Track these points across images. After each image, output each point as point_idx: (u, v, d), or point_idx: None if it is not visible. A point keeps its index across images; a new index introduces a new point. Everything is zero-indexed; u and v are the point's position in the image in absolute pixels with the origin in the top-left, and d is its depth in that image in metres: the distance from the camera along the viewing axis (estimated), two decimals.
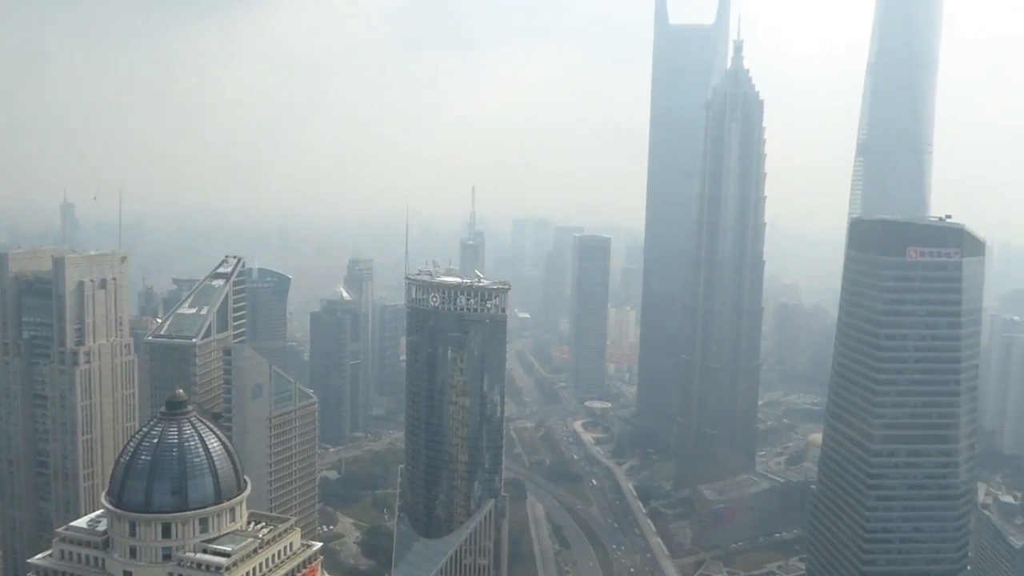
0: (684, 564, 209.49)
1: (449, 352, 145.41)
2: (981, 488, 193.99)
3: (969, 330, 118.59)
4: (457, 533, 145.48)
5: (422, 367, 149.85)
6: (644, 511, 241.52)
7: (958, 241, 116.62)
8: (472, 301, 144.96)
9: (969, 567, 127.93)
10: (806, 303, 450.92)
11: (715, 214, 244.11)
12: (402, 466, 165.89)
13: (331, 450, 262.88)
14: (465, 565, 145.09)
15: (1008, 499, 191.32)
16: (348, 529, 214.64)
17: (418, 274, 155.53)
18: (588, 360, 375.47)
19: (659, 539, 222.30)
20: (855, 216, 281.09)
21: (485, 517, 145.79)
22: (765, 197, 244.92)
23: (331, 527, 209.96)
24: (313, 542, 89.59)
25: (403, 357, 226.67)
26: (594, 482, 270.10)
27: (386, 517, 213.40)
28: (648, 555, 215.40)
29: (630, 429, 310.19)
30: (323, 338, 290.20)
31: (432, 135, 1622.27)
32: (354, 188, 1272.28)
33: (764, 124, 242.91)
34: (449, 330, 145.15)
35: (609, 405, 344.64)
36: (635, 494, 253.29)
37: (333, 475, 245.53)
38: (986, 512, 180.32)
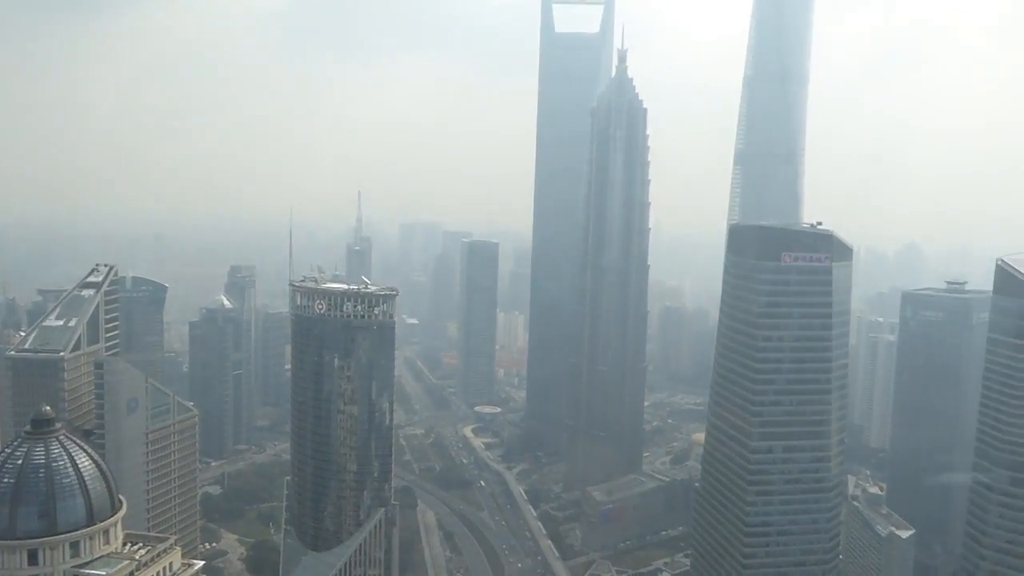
0: (574, 565, 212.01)
1: (336, 360, 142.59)
2: (850, 480, 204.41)
3: (839, 331, 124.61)
4: (346, 545, 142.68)
5: (308, 376, 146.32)
6: (534, 514, 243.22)
7: (828, 247, 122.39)
8: (359, 307, 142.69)
9: (841, 556, 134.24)
10: (689, 306, 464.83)
11: (601, 219, 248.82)
12: (288, 478, 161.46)
13: (213, 464, 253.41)
14: None
15: (875, 490, 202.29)
16: (232, 546, 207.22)
17: (303, 280, 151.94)
18: (477, 365, 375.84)
19: (550, 541, 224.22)
20: (734, 222, 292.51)
21: (375, 527, 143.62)
22: (650, 203, 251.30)
23: (214, 544, 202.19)
24: (195, 561, 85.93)
25: (288, 366, 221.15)
26: (482, 483, 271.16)
27: (272, 532, 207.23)
28: (539, 558, 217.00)
29: (520, 433, 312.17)
30: (203, 348, 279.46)
31: (318, 139, 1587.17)
32: (235, 193, 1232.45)
33: (648, 132, 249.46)
34: (336, 337, 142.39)
35: (499, 410, 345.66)
36: (525, 498, 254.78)
37: (216, 490, 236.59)
38: (855, 503, 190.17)
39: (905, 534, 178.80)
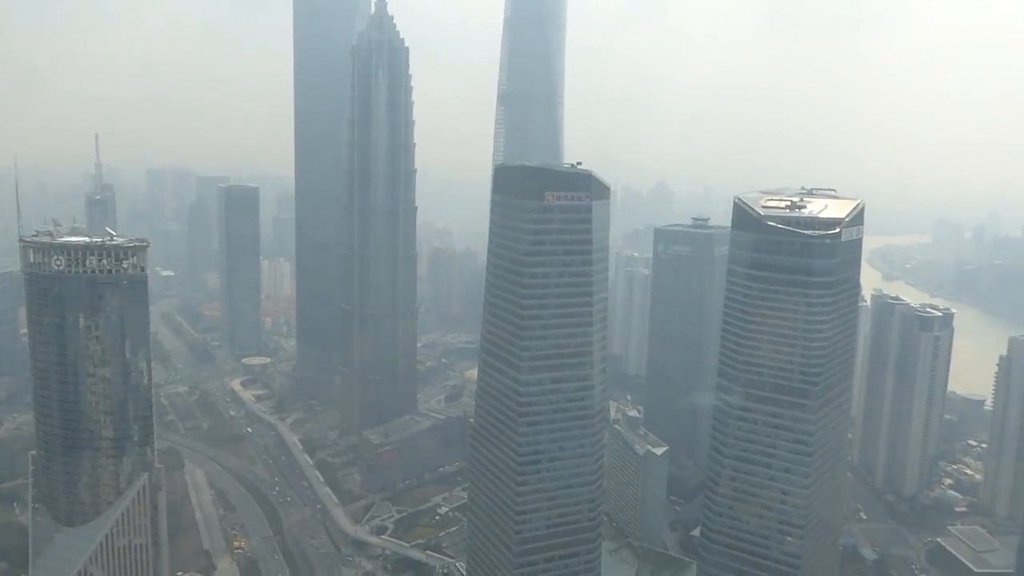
0: (354, 509, 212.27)
1: (81, 320, 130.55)
2: (612, 406, 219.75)
3: (599, 266, 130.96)
4: (106, 516, 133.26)
5: (49, 339, 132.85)
6: (311, 463, 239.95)
7: (588, 186, 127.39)
8: (105, 262, 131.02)
9: (605, 476, 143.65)
10: (458, 247, 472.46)
11: (366, 161, 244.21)
12: (33, 452, 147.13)
13: None
14: (119, 548, 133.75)
15: (634, 413, 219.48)
16: None
17: (36, 235, 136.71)
18: (242, 316, 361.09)
19: (328, 488, 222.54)
20: (499, 163, 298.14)
21: (138, 494, 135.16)
22: (415, 144, 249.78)
23: None
24: None
25: (24, 330, 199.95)
26: (249, 429, 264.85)
27: (17, 512, 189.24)
28: (318, 506, 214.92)
29: (292, 383, 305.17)
30: None
31: (47, 80, 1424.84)
32: None
33: (411, 72, 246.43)
34: (79, 295, 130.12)
35: (268, 360, 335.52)
36: (301, 447, 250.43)
37: None
38: (617, 427, 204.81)
39: (660, 451, 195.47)
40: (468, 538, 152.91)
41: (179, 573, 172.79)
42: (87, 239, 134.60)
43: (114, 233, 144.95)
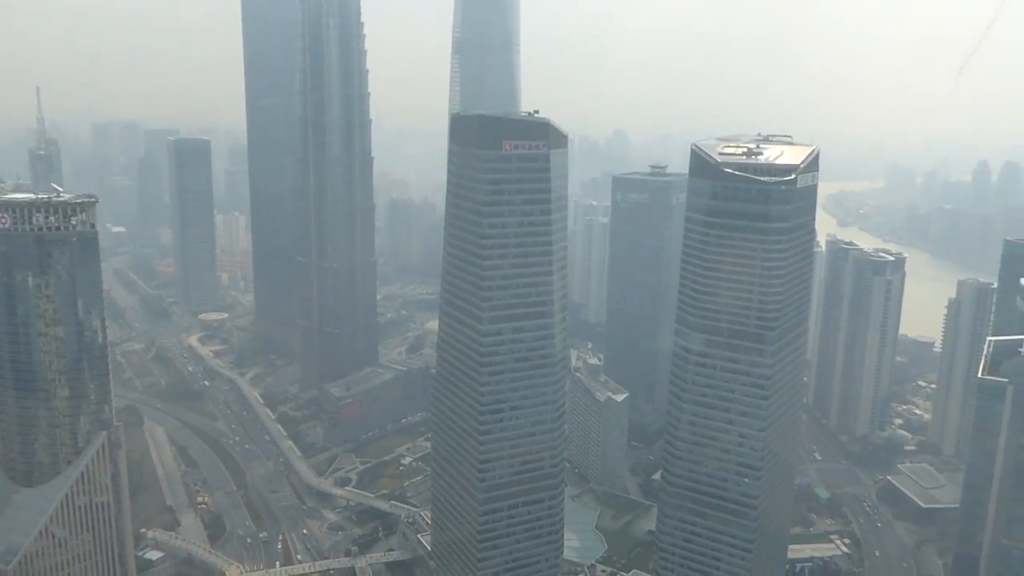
0: (317, 462, 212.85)
1: (30, 278, 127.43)
2: (573, 354, 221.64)
3: (559, 215, 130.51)
4: (65, 475, 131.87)
5: None
6: (273, 417, 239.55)
7: (545, 134, 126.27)
8: (53, 219, 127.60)
9: (566, 423, 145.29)
10: (416, 198, 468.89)
11: (320, 112, 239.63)
12: None
13: None
14: (80, 506, 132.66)
15: (594, 361, 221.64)
16: None
17: None
18: (198, 271, 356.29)
19: (291, 442, 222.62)
20: (455, 112, 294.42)
21: (98, 452, 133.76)
22: (369, 94, 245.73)
23: None
24: None
25: None
26: (207, 383, 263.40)
27: None
28: (281, 459, 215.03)
29: (250, 338, 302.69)
30: None
31: None
32: None
33: (363, 20, 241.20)
34: (27, 254, 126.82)
35: (225, 316, 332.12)
36: (262, 402, 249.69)
37: None
38: (578, 374, 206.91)
39: (620, 398, 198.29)
40: (432, 487, 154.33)
41: (143, 529, 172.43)
42: (32, 196, 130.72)
43: (60, 189, 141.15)
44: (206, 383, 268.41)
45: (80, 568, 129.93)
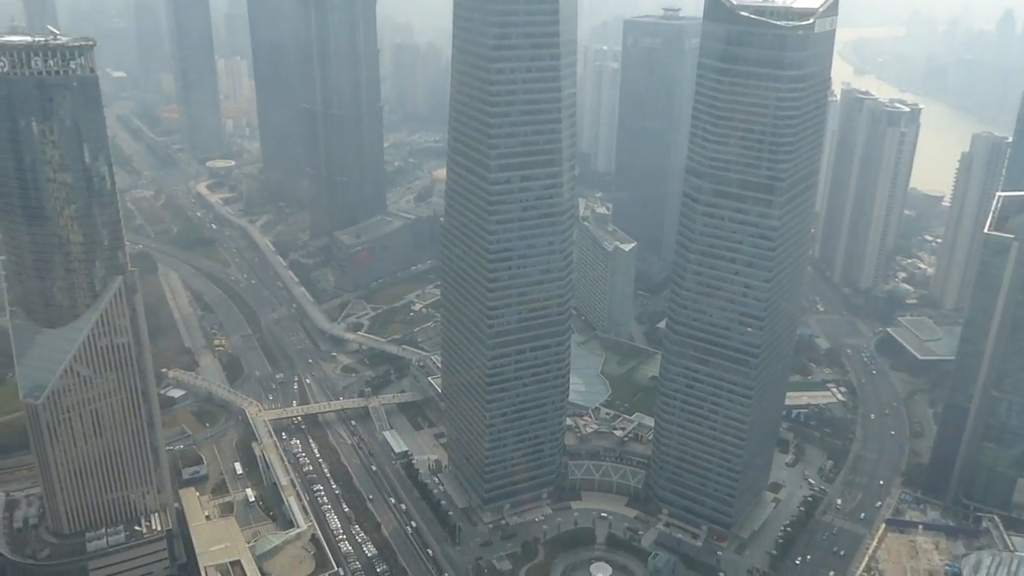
0: (330, 308, 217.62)
1: (34, 124, 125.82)
2: (581, 203, 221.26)
3: (567, 61, 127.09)
4: (85, 318, 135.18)
5: (3, 145, 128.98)
6: (284, 264, 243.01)
7: None
8: (52, 63, 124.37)
9: (574, 271, 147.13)
10: (421, 43, 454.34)
11: None
12: (2, 258, 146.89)
13: None
14: (102, 347, 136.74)
15: (603, 211, 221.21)
16: None
17: None
18: (202, 118, 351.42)
19: (303, 288, 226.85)
20: None
21: (115, 296, 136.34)
22: None
23: None
24: None
25: None
26: (213, 226, 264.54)
27: None
28: (294, 305, 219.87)
29: (259, 185, 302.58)
30: None
31: None
32: None
33: None
34: (28, 99, 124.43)
35: (233, 163, 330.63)
36: (273, 249, 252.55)
37: None
38: (586, 223, 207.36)
39: (628, 247, 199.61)
40: (442, 333, 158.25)
41: (163, 369, 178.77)
42: (29, 39, 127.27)
43: (57, 32, 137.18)
44: (215, 228, 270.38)
45: (107, 404, 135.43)
